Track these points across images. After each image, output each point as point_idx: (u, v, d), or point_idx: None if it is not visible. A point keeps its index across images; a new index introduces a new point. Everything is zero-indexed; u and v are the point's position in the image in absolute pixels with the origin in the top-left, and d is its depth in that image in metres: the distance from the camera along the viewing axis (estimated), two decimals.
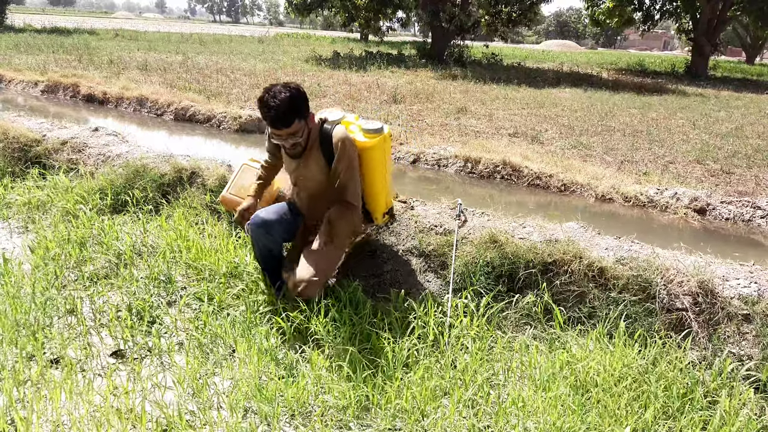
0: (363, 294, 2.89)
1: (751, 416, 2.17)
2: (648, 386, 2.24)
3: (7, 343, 2.46)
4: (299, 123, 2.56)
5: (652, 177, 5.62)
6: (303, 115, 2.58)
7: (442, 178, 5.86)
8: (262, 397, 2.18)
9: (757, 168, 6.32)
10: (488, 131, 7.59)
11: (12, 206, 4.08)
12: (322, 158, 2.74)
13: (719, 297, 2.62)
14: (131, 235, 3.49)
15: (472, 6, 19.58)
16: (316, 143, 2.73)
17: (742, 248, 4.25)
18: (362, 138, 2.78)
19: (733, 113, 10.54)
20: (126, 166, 4.29)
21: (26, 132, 5.12)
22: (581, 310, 2.75)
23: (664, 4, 23.54)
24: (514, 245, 2.97)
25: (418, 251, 3.17)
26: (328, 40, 31.09)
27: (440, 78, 13.87)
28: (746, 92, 15.07)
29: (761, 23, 23.05)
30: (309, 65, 15.61)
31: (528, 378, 2.38)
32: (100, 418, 2.06)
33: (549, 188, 5.43)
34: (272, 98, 2.47)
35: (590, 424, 2.06)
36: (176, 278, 3.11)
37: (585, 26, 60.69)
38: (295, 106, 2.51)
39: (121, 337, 2.61)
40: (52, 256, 3.25)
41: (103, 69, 11.97)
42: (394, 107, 9.12)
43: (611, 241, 3.13)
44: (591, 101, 11.11)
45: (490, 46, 24.10)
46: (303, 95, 2.56)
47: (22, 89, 10.41)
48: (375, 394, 2.20)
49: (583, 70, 20.09)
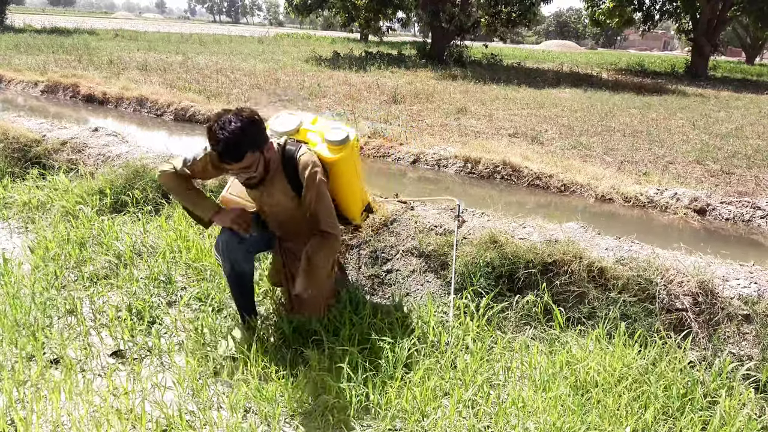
0: (363, 294, 2.89)
1: (751, 416, 2.17)
2: (648, 386, 2.24)
3: (7, 343, 2.46)
4: (253, 155, 2.26)
5: (652, 177, 5.62)
6: (258, 146, 2.27)
7: (442, 178, 5.86)
8: (262, 397, 2.18)
9: (757, 168, 6.32)
10: (488, 131, 7.59)
11: (12, 206, 4.08)
12: (288, 185, 2.47)
13: (719, 297, 2.62)
14: (131, 235, 3.49)
15: (472, 6, 19.58)
16: (279, 169, 2.45)
17: (742, 248, 4.25)
18: (327, 153, 2.52)
19: (733, 113, 10.54)
20: (126, 167, 4.29)
21: (26, 132, 5.12)
22: (581, 310, 2.75)
23: (664, 4, 23.55)
24: (514, 245, 2.97)
25: (418, 251, 3.17)
26: (328, 40, 31.10)
27: (440, 78, 13.87)
28: (746, 92, 15.07)
29: (761, 23, 23.08)
30: (309, 65, 15.61)
31: (528, 378, 2.38)
32: (100, 419, 2.06)
33: (549, 188, 5.43)
34: (221, 129, 2.17)
35: (590, 425, 2.06)
36: (176, 278, 3.11)
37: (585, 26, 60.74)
38: (248, 137, 2.21)
39: (121, 337, 2.60)
40: (51, 257, 3.25)
41: (103, 69, 11.97)
42: (394, 107, 9.12)
43: (611, 241, 3.13)
44: (591, 101, 11.11)
45: (489, 46, 24.10)
46: (257, 124, 2.25)
47: (22, 89, 10.40)
48: (375, 394, 2.20)
49: (583, 70, 20.09)
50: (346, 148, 2.54)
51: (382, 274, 3.17)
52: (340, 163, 2.55)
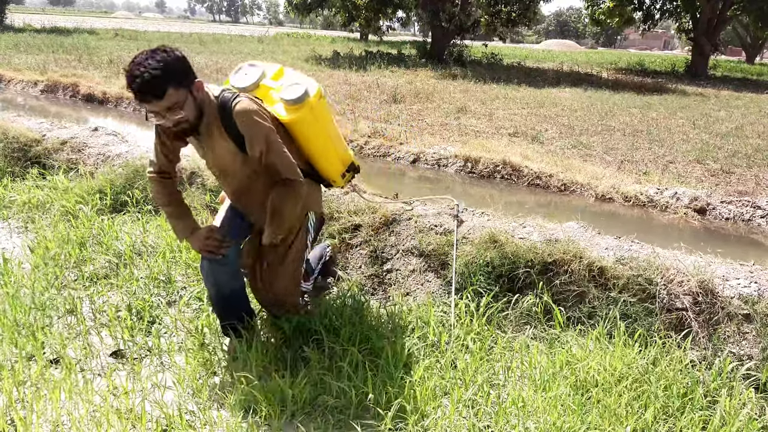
0: (363, 294, 2.89)
1: (751, 416, 2.17)
2: (648, 386, 2.24)
3: (7, 343, 2.46)
4: (177, 92, 1.99)
5: (652, 177, 5.62)
6: (181, 82, 2.00)
7: (442, 177, 5.86)
8: (262, 397, 2.18)
9: (757, 168, 6.32)
10: (488, 131, 7.59)
11: (12, 206, 4.08)
12: (229, 139, 2.18)
13: (719, 297, 2.62)
14: (131, 235, 3.49)
15: (472, 6, 19.58)
16: (216, 121, 2.16)
17: (743, 248, 4.25)
18: (284, 113, 2.29)
19: (733, 113, 10.54)
20: (126, 166, 4.29)
21: (26, 132, 5.12)
22: (581, 310, 2.75)
23: (664, 4, 23.53)
24: (514, 245, 2.97)
25: (418, 251, 3.17)
26: (328, 40, 31.08)
27: (440, 78, 13.87)
28: (746, 92, 15.05)
29: (761, 23, 23.06)
30: (309, 65, 15.60)
31: (528, 378, 2.38)
32: (100, 418, 2.06)
33: (549, 188, 5.43)
34: (137, 66, 1.93)
35: (590, 424, 2.06)
36: (176, 278, 3.11)
37: (585, 26, 60.73)
38: (168, 71, 1.95)
39: (121, 337, 2.60)
40: (51, 256, 3.25)
41: (103, 69, 11.96)
42: (394, 107, 9.11)
43: (611, 240, 3.12)
44: (591, 101, 11.10)
45: (489, 45, 24.08)
46: (180, 59, 2.01)
47: (22, 89, 10.40)
48: (375, 394, 2.20)
49: (583, 69, 20.08)
50: (304, 106, 2.29)
51: (382, 274, 3.17)
52: (300, 123, 2.32)
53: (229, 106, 2.13)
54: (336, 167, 2.58)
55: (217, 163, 2.29)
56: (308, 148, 2.43)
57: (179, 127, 2.08)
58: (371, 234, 3.32)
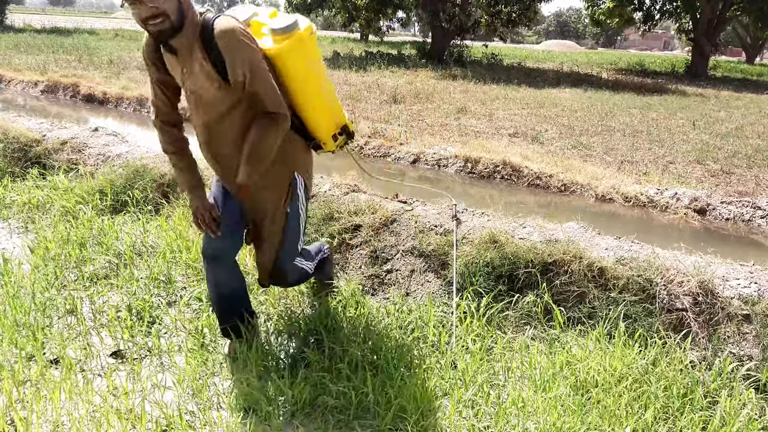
0: (363, 294, 2.89)
1: (751, 416, 2.17)
2: (648, 386, 2.24)
3: (7, 343, 2.46)
4: None
5: (652, 177, 5.62)
6: None
7: (442, 178, 5.86)
8: (262, 397, 2.18)
9: (757, 168, 6.32)
10: (488, 131, 7.59)
11: (12, 206, 4.08)
12: (208, 62, 2.02)
13: (719, 297, 2.62)
14: (131, 235, 3.49)
15: (472, 6, 19.58)
16: (198, 42, 2.02)
17: (743, 248, 4.25)
18: (271, 43, 2.13)
19: (733, 113, 10.54)
20: (126, 166, 4.30)
21: (26, 132, 5.12)
22: (581, 310, 2.75)
23: (664, 4, 23.54)
24: (514, 245, 2.97)
25: (418, 251, 3.17)
26: (328, 40, 31.09)
27: (440, 78, 13.87)
28: (746, 92, 15.06)
29: (761, 23, 23.05)
30: None
31: (528, 378, 2.38)
32: (100, 419, 2.06)
33: (549, 188, 5.43)
34: None
35: (590, 425, 2.06)
36: (176, 278, 3.11)
37: (585, 26, 60.76)
38: None
39: (121, 338, 2.60)
40: (51, 257, 3.25)
41: (103, 69, 11.97)
42: (394, 107, 9.12)
43: (611, 241, 3.12)
44: (591, 101, 11.11)
45: (489, 46, 24.09)
46: None
47: (22, 89, 10.41)
48: (375, 394, 2.20)
49: (583, 70, 20.08)
50: (292, 36, 2.12)
51: (382, 274, 3.17)
52: (286, 54, 2.13)
53: (210, 26, 1.99)
54: (327, 123, 2.38)
55: (194, 87, 2.11)
56: (294, 89, 2.22)
57: (156, 25, 1.93)
58: (371, 234, 3.32)
